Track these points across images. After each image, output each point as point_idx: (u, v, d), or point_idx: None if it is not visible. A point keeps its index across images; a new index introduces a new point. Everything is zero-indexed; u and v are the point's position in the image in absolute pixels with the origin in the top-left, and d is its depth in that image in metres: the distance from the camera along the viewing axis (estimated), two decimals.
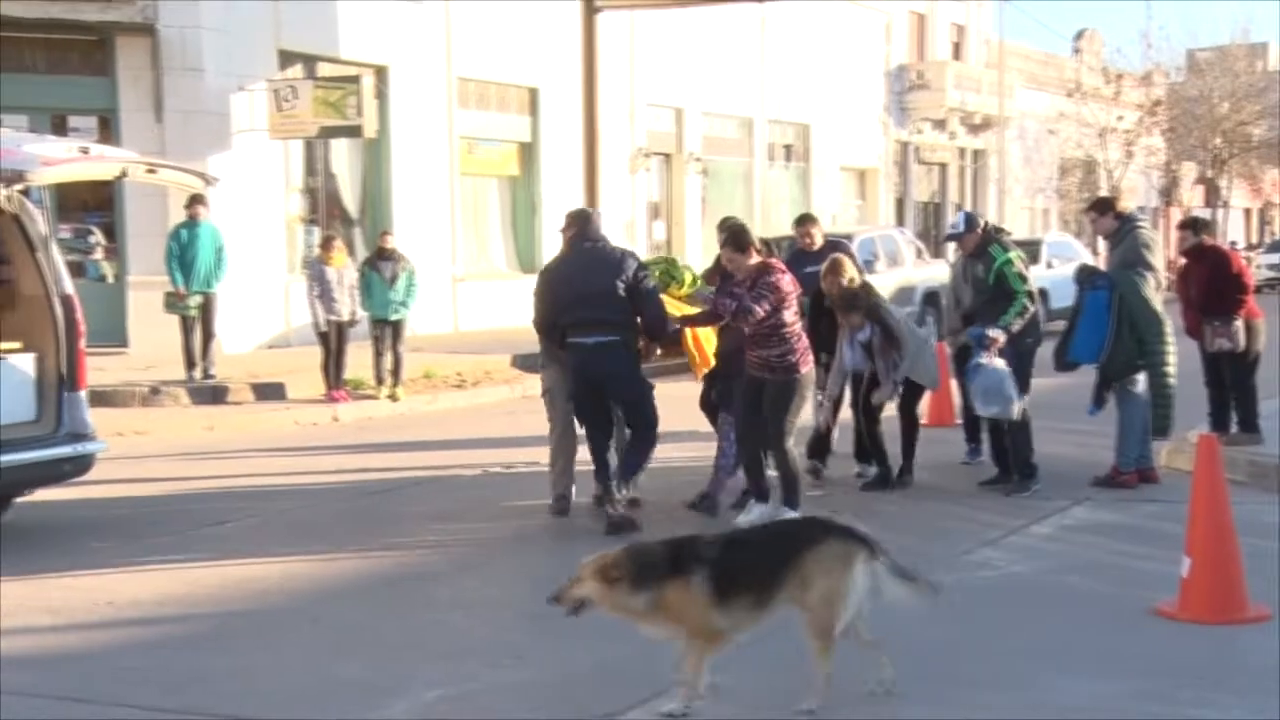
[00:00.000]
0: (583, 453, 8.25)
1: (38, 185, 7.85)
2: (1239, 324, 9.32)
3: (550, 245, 21.93)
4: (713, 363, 8.41)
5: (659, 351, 8.59)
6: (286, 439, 11.88)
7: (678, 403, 9.26)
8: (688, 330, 8.25)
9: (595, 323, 7.75)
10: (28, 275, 8.13)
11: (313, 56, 18.25)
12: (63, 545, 7.64)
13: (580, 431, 8.22)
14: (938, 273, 18.08)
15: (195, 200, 13.55)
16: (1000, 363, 8.60)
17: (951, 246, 11.63)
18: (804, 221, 10.39)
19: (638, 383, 7.99)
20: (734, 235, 7.72)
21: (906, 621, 6.02)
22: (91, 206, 17.04)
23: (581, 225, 8.03)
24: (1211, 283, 9.39)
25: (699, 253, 26.11)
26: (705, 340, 8.41)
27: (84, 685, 5.29)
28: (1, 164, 7.17)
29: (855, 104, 31.21)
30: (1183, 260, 9.82)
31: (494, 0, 20.57)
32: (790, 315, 7.59)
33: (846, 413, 9.32)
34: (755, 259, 7.63)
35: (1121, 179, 36.87)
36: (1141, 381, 8.86)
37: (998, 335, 8.57)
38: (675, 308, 8.29)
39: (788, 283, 7.57)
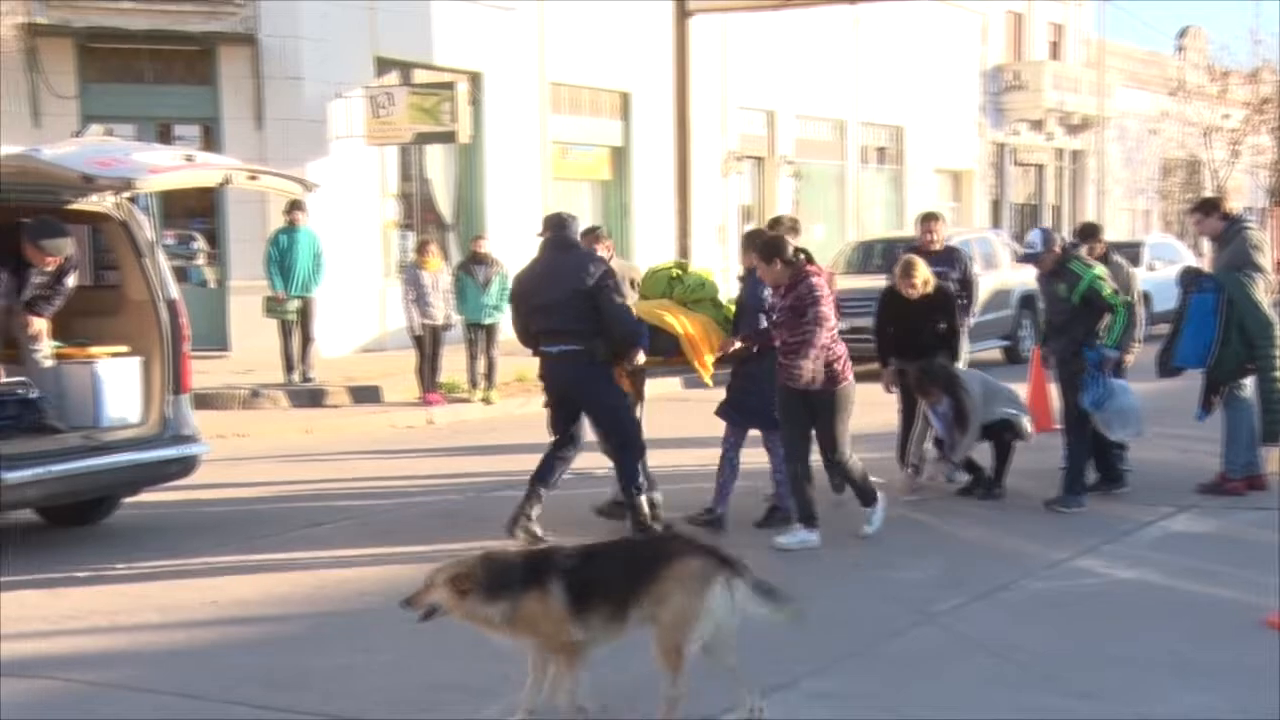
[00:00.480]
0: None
1: (145, 192, 8.03)
2: None
3: (643, 249, 22.01)
4: (709, 365, 8.12)
5: (640, 359, 7.99)
6: (382, 442, 12.03)
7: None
8: (684, 333, 8.01)
9: (558, 332, 7.61)
10: (135, 281, 8.33)
11: (408, 63, 18.48)
12: (168, 545, 7.81)
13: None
14: (1034, 275, 17.79)
15: (294, 206, 13.79)
16: (1122, 382, 8.46)
17: None
18: (928, 219, 9.99)
19: (605, 394, 7.71)
20: (764, 248, 7.47)
21: (1006, 627, 5.94)
22: (195, 213, 17.43)
23: (554, 231, 7.84)
24: None
25: None
26: (703, 340, 8.08)
27: (191, 682, 5.40)
28: (112, 172, 7.35)
29: (950, 105, 30.84)
30: None
31: (586, 4, 20.67)
32: (827, 312, 7.38)
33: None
34: (781, 268, 7.40)
35: (1227, 179, 35.98)
36: (1249, 386, 8.64)
37: (1127, 358, 8.55)
38: (672, 315, 8.01)
39: (825, 286, 7.40)
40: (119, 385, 8.20)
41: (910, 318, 8.97)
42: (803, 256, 7.48)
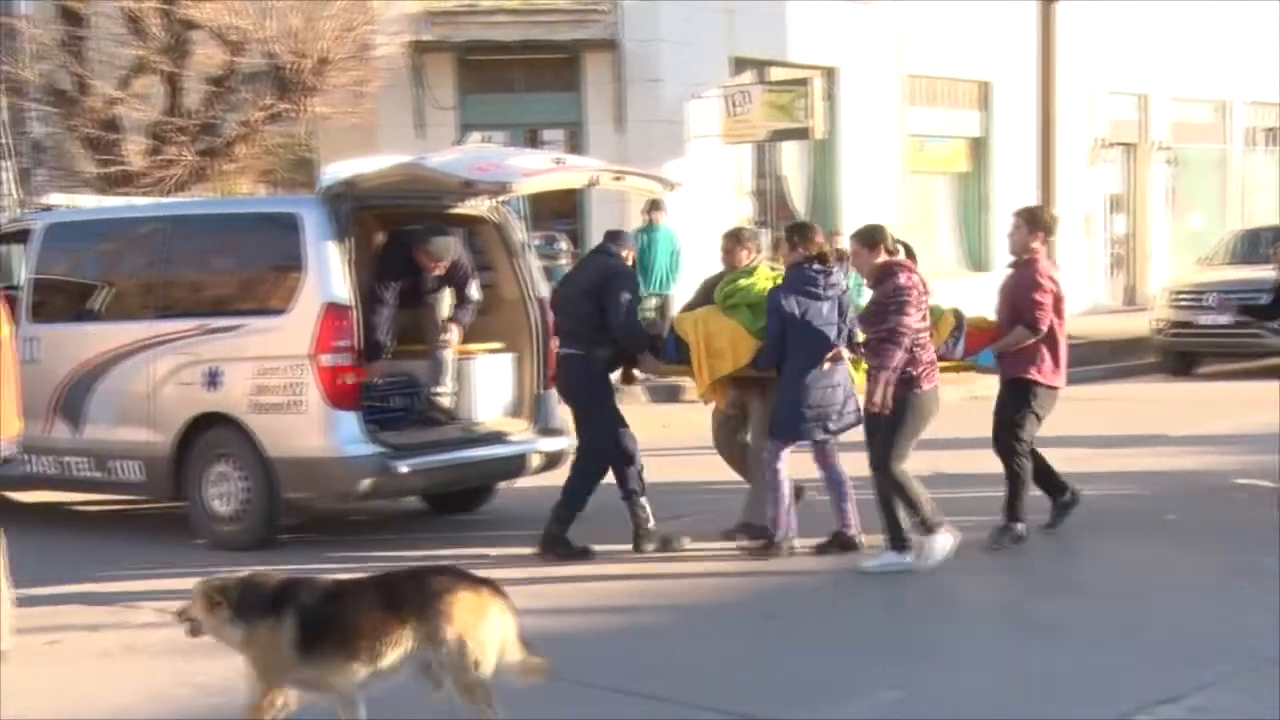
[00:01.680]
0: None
1: (519, 195, 8.43)
2: None
3: (1002, 243, 21.22)
4: (709, 382, 7.61)
5: (640, 374, 8.09)
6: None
7: None
8: (693, 343, 7.58)
9: (566, 333, 7.65)
10: (507, 280, 8.77)
11: (763, 61, 18.59)
12: (538, 533, 8.16)
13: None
14: None
15: (653, 206, 14.15)
16: None
17: None
18: None
19: (585, 400, 7.59)
20: (867, 234, 7.16)
21: None
22: (559, 214, 18.19)
23: (604, 239, 7.90)
24: None
25: (1164, 248, 24.50)
26: (723, 351, 7.54)
27: (564, 666, 5.57)
28: (490, 177, 7.76)
29: None
30: None
31: None
32: (905, 319, 6.81)
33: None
34: (883, 258, 6.98)
35: None
36: None
37: None
38: (690, 323, 7.65)
39: (917, 284, 6.89)
40: (494, 380, 8.66)
41: None
42: (901, 249, 7.06)
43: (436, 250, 8.20)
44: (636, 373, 8.14)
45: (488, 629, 4.33)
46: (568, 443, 8.68)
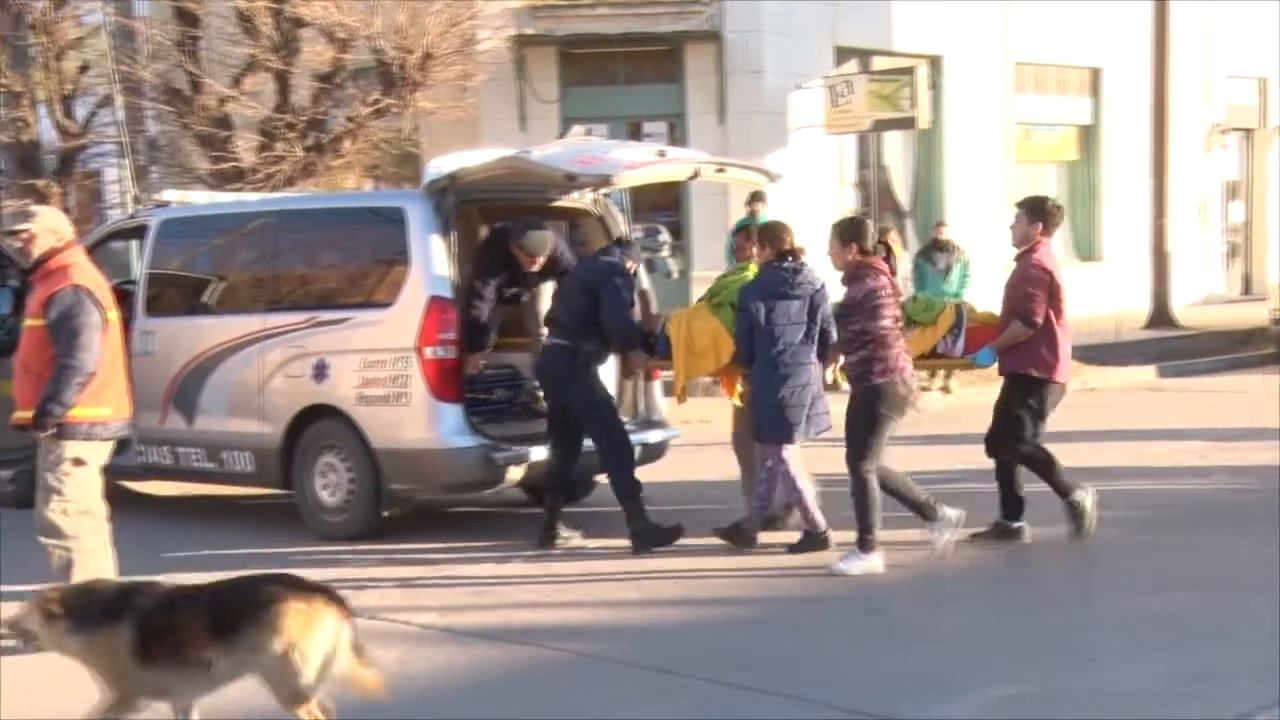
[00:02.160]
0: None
1: (621, 188, 8.44)
2: None
3: (1112, 232, 20.81)
4: (683, 382, 7.67)
5: (640, 366, 8.13)
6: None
7: None
8: (677, 343, 7.59)
9: (556, 325, 7.69)
10: None
11: (867, 51, 18.39)
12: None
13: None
14: None
15: (755, 198, 14.05)
16: None
17: None
18: None
19: (582, 393, 7.59)
20: (845, 228, 7.09)
21: None
22: (659, 207, 18.18)
23: (614, 243, 8.06)
24: None
25: None
26: (704, 351, 7.54)
27: (667, 658, 5.61)
28: (592, 170, 7.78)
29: None
30: None
31: None
32: (881, 324, 6.77)
33: None
34: (854, 255, 6.89)
35: None
36: None
37: None
38: (676, 322, 7.67)
39: (886, 285, 6.83)
40: None
41: None
42: (884, 249, 7.06)
43: (531, 246, 8.22)
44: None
45: (315, 640, 4.25)
46: (670, 434, 8.70)
